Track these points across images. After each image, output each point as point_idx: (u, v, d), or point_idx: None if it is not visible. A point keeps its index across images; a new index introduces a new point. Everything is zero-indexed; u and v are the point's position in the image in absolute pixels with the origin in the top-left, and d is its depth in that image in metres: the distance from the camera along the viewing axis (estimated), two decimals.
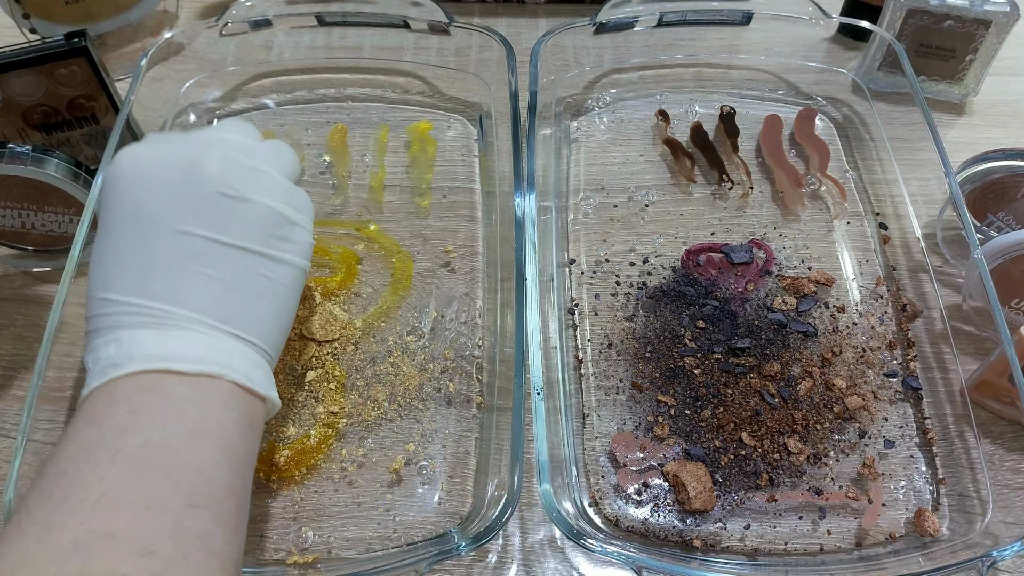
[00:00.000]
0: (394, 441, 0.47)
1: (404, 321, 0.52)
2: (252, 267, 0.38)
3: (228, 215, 0.37)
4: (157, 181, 0.37)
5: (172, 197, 0.37)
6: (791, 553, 0.44)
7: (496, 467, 0.44)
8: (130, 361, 0.34)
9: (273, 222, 0.39)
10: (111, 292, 0.36)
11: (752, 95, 0.66)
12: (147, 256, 0.36)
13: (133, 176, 0.38)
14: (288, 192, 0.40)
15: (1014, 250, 0.49)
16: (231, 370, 0.36)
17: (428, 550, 0.41)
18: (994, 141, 0.62)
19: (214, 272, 0.37)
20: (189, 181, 0.37)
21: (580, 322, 0.52)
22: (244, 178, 0.38)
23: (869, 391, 0.49)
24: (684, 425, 0.47)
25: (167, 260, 0.36)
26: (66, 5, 0.64)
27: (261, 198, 0.38)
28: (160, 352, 0.35)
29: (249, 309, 0.38)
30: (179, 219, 0.37)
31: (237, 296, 0.37)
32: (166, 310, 0.36)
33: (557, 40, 0.62)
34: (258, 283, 0.38)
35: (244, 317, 0.37)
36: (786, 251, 0.56)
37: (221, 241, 0.37)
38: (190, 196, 0.37)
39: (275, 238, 0.39)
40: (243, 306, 0.37)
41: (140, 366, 0.34)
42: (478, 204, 0.58)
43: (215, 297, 0.37)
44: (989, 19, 0.60)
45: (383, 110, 0.65)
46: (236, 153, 0.39)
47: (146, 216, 0.37)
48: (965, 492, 0.46)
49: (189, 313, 0.36)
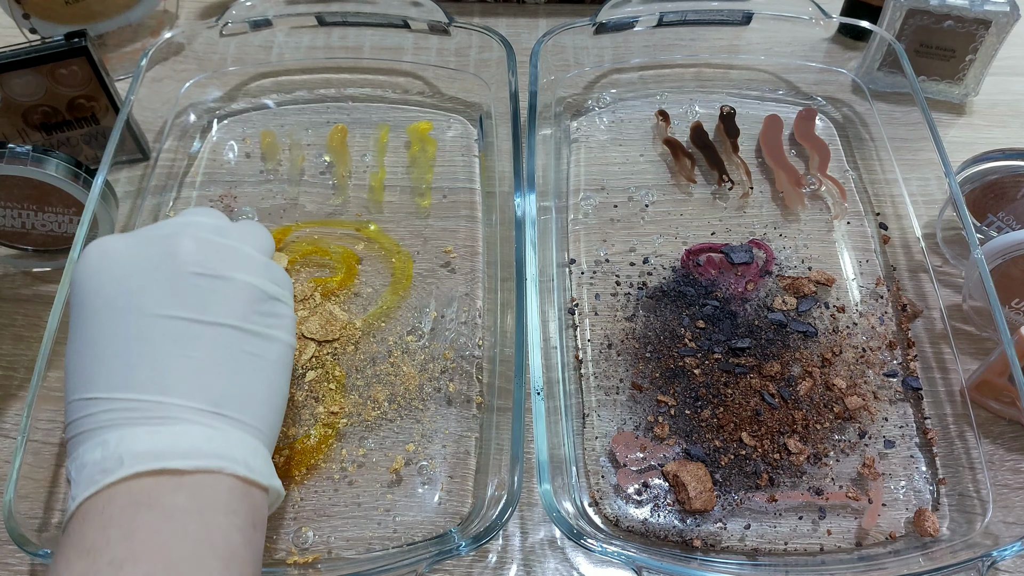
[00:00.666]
0: (394, 441, 0.47)
1: (404, 321, 0.52)
2: (238, 345, 0.36)
3: (207, 295, 0.36)
4: (129, 268, 0.36)
5: (146, 282, 0.36)
6: (791, 553, 0.44)
7: (496, 467, 0.44)
8: (120, 465, 0.31)
9: (254, 298, 0.38)
10: (92, 391, 0.34)
11: (752, 95, 0.66)
12: (127, 346, 0.34)
13: (103, 267, 0.36)
14: (266, 267, 0.39)
15: (1014, 250, 0.49)
16: (231, 461, 0.33)
17: (428, 550, 0.41)
18: (994, 141, 0.62)
19: (199, 354, 0.35)
20: (163, 264, 0.36)
21: (580, 322, 0.52)
22: (220, 256, 0.37)
23: (869, 391, 0.49)
24: (684, 425, 0.47)
25: (149, 348, 0.34)
26: (66, 5, 0.64)
27: (239, 275, 0.37)
28: (152, 449, 0.32)
29: (240, 390, 0.36)
30: (156, 303, 0.35)
31: (226, 377, 0.35)
32: (154, 401, 0.33)
33: (557, 40, 0.62)
34: (246, 362, 0.36)
35: (236, 399, 0.35)
36: (786, 251, 0.56)
37: (203, 321, 0.36)
38: (165, 279, 0.36)
39: (258, 314, 0.38)
40: (234, 387, 0.36)
41: (132, 469, 0.31)
42: (478, 204, 0.58)
43: (204, 381, 0.35)
44: (989, 19, 0.60)
45: (383, 110, 0.65)
46: (208, 233, 0.38)
47: (121, 305, 0.35)
48: (965, 492, 0.46)
49: (179, 401, 0.34)
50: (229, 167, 0.61)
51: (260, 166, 0.61)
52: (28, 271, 0.55)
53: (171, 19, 0.72)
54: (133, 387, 0.34)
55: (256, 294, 0.38)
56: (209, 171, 0.60)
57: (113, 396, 0.33)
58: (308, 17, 0.63)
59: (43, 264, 0.55)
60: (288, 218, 0.57)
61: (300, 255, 0.55)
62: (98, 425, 0.33)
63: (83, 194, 0.51)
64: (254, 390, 0.36)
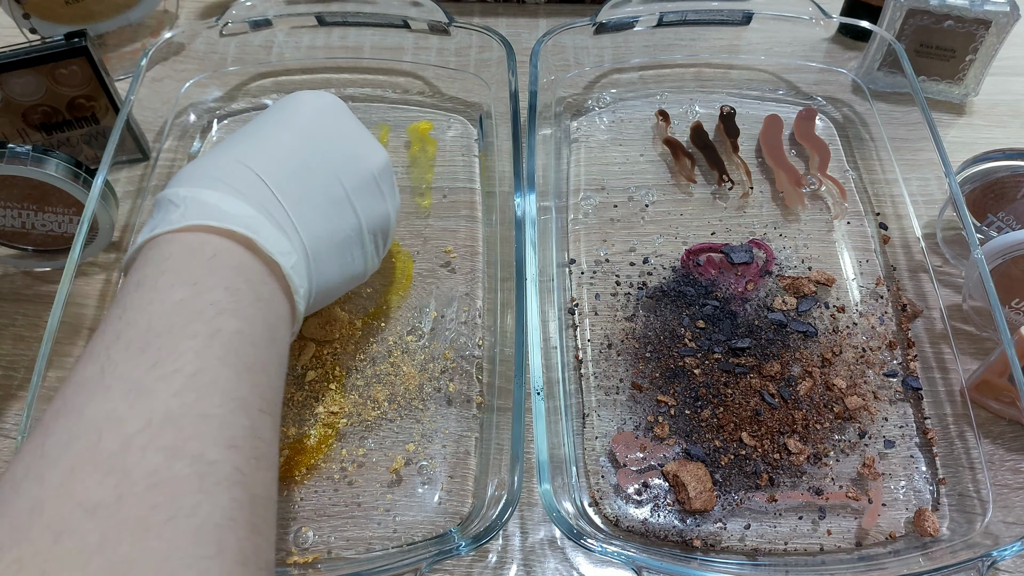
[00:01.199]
0: (394, 441, 0.47)
1: (404, 321, 0.52)
2: (352, 241, 0.42)
3: (368, 195, 0.43)
4: (340, 130, 0.43)
5: (343, 149, 0.42)
6: (791, 553, 0.44)
7: (496, 467, 0.44)
8: (238, 227, 0.34)
9: (383, 227, 0.45)
10: (250, 163, 0.38)
11: (752, 95, 0.66)
12: (298, 166, 0.39)
13: (324, 114, 0.43)
14: (395, 220, 0.46)
15: (1014, 250, 0.49)
16: (299, 297, 0.37)
17: (428, 550, 0.41)
18: (994, 141, 0.62)
19: (333, 219, 0.40)
20: (361, 151, 0.43)
21: (580, 322, 0.52)
22: (388, 185, 0.45)
23: (869, 391, 0.49)
24: (684, 425, 0.47)
25: (310, 180, 0.39)
26: (66, 5, 0.64)
27: (390, 206, 0.45)
28: (270, 242, 0.35)
29: (329, 266, 0.41)
30: (337, 165, 0.41)
31: (331, 250, 0.40)
32: (283, 211, 0.37)
33: (557, 40, 0.62)
34: (346, 255, 0.42)
35: (322, 267, 0.40)
36: (786, 251, 0.56)
37: (353, 205, 0.41)
38: (356, 160, 0.42)
39: (377, 236, 0.44)
40: (328, 261, 0.40)
41: (253, 235, 0.35)
42: (478, 204, 0.58)
43: (320, 235, 0.39)
44: (989, 19, 0.60)
45: (383, 110, 0.65)
46: (389, 167, 0.45)
47: (316, 144, 0.41)
48: (965, 492, 0.46)
49: (298, 227, 0.38)
50: None
51: None
52: (28, 271, 0.55)
53: (171, 19, 0.71)
54: (281, 190, 0.38)
55: (386, 227, 0.45)
56: None
57: (264, 180, 0.37)
58: (308, 17, 0.63)
59: (43, 264, 0.55)
60: None
61: None
62: (236, 187, 0.36)
63: (83, 194, 0.51)
64: (333, 277, 0.41)
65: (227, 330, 0.31)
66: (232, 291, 0.33)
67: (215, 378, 0.29)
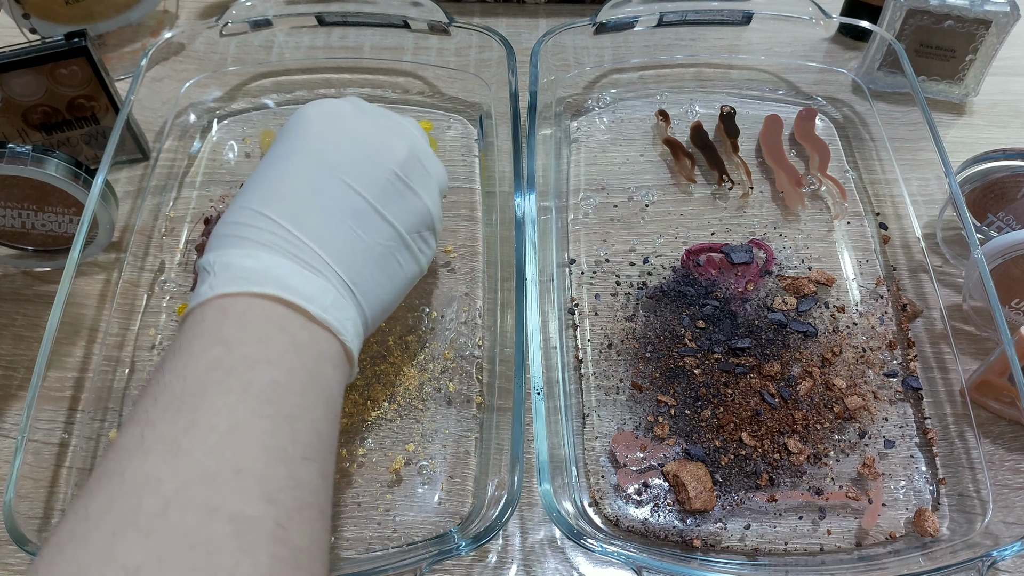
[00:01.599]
0: (394, 441, 0.47)
1: (404, 321, 0.52)
2: (392, 249, 0.40)
3: (395, 195, 0.40)
4: (348, 137, 0.40)
5: (355, 157, 0.40)
6: (791, 553, 0.44)
7: (496, 467, 0.44)
8: (266, 283, 0.34)
9: (424, 221, 0.42)
10: (267, 210, 0.37)
11: (752, 95, 0.66)
12: (313, 194, 0.38)
13: (329, 124, 0.40)
14: (439, 204, 0.44)
15: (1014, 250, 0.49)
16: (345, 332, 0.36)
17: (428, 550, 0.41)
18: (994, 141, 0.62)
19: (363, 235, 0.38)
20: (376, 151, 0.40)
21: (580, 322, 0.52)
22: (419, 174, 0.42)
23: (869, 391, 0.49)
24: (684, 425, 0.47)
25: (329, 205, 0.38)
26: (66, 5, 0.64)
27: (424, 196, 0.42)
28: (296, 287, 0.34)
29: (375, 283, 0.39)
30: (354, 177, 0.39)
31: (371, 267, 0.39)
32: (312, 249, 0.36)
33: (557, 40, 0.62)
34: (390, 265, 0.40)
35: (368, 288, 0.39)
36: (786, 251, 0.56)
37: (380, 212, 0.39)
38: (371, 163, 0.40)
39: (419, 235, 0.42)
40: (372, 279, 0.39)
41: (275, 292, 0.34)
42: (478, 204, 0.58)
43: (354, 258, 0.38)
44: (989, 19, 0.60)
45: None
46: (419, 150, 0.42)
47: (326, 162, 0.39)
48: (965, 492, 0.46)
49: (328, 260, 0.37)
50: (229, 167, 0.61)
51: None
52: (28, 271, 0.55)
53: (171, 19, 0.71)
54: (299, 227, 0.36)
55: (427, 219, 0.42)
56: (209, 171, 0.60)
57: (281, 223, 0.36)
58: (308, 17, 0.63)
59: (43, 264, 0.55)
60: None
61: None
62: (257, 240, 0.36)
63: (83, 194, 0.51)
64: (383, 290, 0.40)
65: (261, 382, 0.31)
66: (265, 342, 0.32)
67: (250, 431, 0.29)
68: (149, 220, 0.57)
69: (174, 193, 0.59)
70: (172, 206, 0.58)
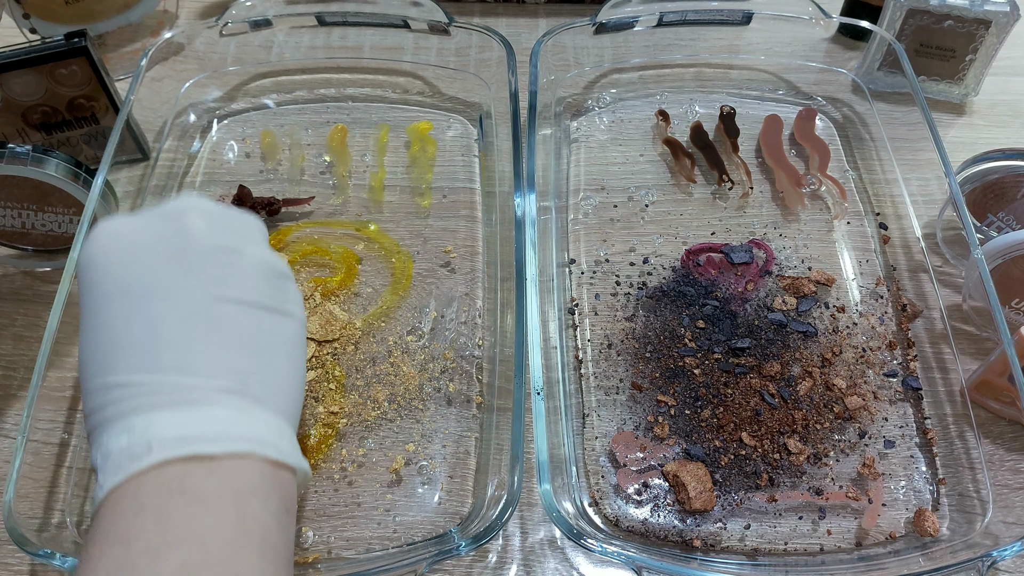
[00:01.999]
0: (394, 441, 0.47)
1: (404, 321, 0.52)
2: (259, 323, 0.35)
3: (226, 268, 0.35)
4: (142, 247, 0.35)
5: (162, 260, 0.34)
6: (791, 553, 0.44)
7: (496, 467, 0.44)
8: (149, 451, 0.30)
9: (268, 273, 0.37)
10: (112, 375, 0.32)
11: (752, 95, 0.66)
12: (147, 327, 0.33)
13: (113, 247, 0.35)
14: (268, 249, 0.38)
15: (1014, 250, 0.49)
16: (260, 444, 0.32)
17: (428, 550, 0.41)
18: (994, 141, 0.62)
19: (221, 332, 0.34)
20: (177, 240, 0.35)
21: (580, 322, 0.52)
22: (231, 230, 0.36)
23: (869, 391, 0.49)
24: (684, 425, 0.47)
25: (170, 327, 0.33)
26: (66, 5, 0.64)
27: (252, 249, 0.36)
28: (181, 434, 0.31)
29: (264, 368, 0.35)
30: (175, 281, 0.34)
31: (250, 355, 0.34)
32: (179, 382, 0.32)
33: (557, 40, 0.62)
34: (268, 340, 0.35)
35: (261, 377, 0.34)
36: (786, 251, 0.56)
37: (222, 297, 0.34)
38: (182, 255, 0.35)
39: (274, 289, 0.36)
40: (258, 365, 0.34)
41: (161, 455, 0.30)
42: (478, 204, 0.58)
43: (228, 359, 0.33)
44: (989, 19, 0.60)
45: (383, 110, 0.65)
46: (213, 211, 0.37)
47: (138, 286, 0.34)
48: (965, 492, 0.46)
49: (205, 380, 0.32)
50: (229, 167, 0.61)
51: (260, 166, 0.61)
52: (28, 271, 0.55)
53: (171, 19, 0.72)
54: (156, 368, 0.32)
55: (269, 269, 0.37)
56: (209, 171, 0.60)
57: (135, 379, 0.32)
58: (308, 17, 0.63)
59: (43, 264, 0.55)
60: (288, 218, 0.57)
61: (300, 255, 0.55)
62: (122, 410, 0.32)
63: (83, 194, 0.51)
64: (277, 368, 0.35)
65: (167, 572, 0.28)
66: (163, 523, 0.29)
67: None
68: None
69: (174, 193, 0.59)
70: None
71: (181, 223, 0.35)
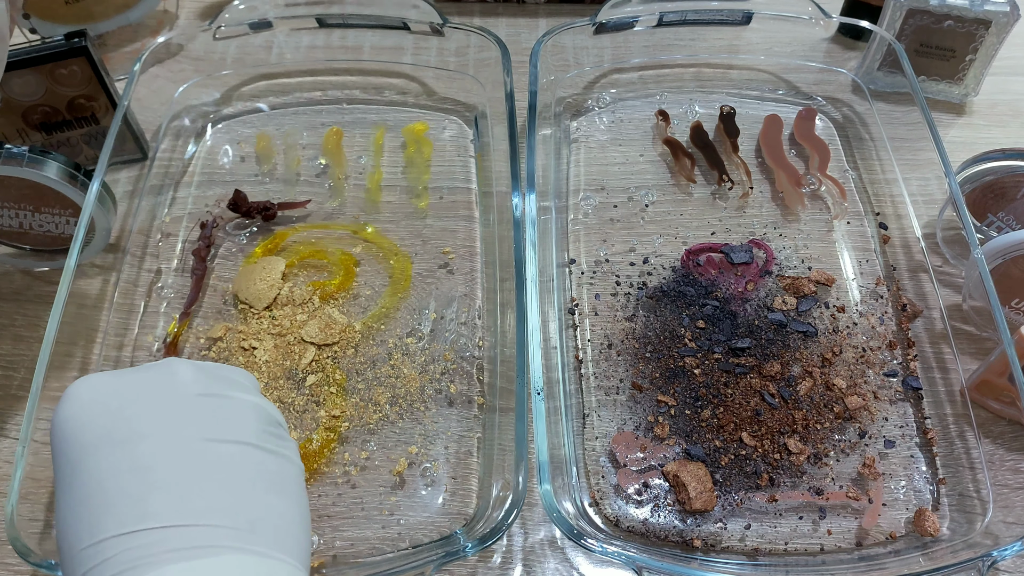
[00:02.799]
0: (396, 443, 0.47)
1: (404, 323, 0.52)
2: (260, 463, 0.33)
3: (217, 412, 0.33)
4: (125, 397, 0.32)
5: (148, 408, 0.32)
6: (791, 553, 0.44)
7: (500, 468, 0.44)
8: None
9: (262, 418, 0.35)
10: (101, 533, 0.29)
11: (752, 95, 0.66)
12: (135, 475, 0.30)
13: (94, 399, 0.32)
14: (261, 395, 0.37)
15: (1014, 250, 0.49)
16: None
17: (435, 552, 0.41)
18: (994, 141, 0.62)
19: (221, 472, 0.31)
20: (163, 389, 0.33)
21: (580, 322, 0.52)
22: (219, 379, 0.35)
23: (869, 391, 0.49)
24: (684, 425, 0.47)
25: (161, 470, 0.30)
26: (66, 5, 0.64)
27: (243, 395, 0.35)
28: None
29: (273, 508, 0.32)
30: (164, 427, 0.31)
31: (255, 494, 0.31)
32: (182, 527, 0.29)
33: (557, 40, 0.61)
34: (272, 480, 0.33)
35: (270, 520, 0.31)
36: (786, 251, 0.56)
37: (219, 439, 0.32)
38: (169, 403, 0.33)
39: (269, 434, 0.34)
40: (266, 505, 0.31)
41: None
42: (476, 204, 0.58)
43: (231, 499, 0.30)
44: (989, 19, 0.60)
45: (379, 112, 0.64)
46: (201, 364, 0.36)
47: (121, 433, 0.31)
48: (965, 492, 0.46)
49: (208, 526, 0.29)
50: (225, 169, 0.61)
51: (256, 168, 0.61)
52: (28, 271, 0.55)
53: (171, 19, 0.71)
54: (151, 518, 0.29)
55: (262, 414, 0.35)
56: (205, 173, 0.60)
57: (128, 534, 0.29)
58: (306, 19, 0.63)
59: (41, 264, 0.55)
60: (285, 221, 0.57)
61: (298, 258, 0.55)
62: (121, 570, 0.28)
63: (80, 196, 0.51)
64: (285, 510, 0.32)
65: None
66: None
67: None
68: (147, 221, 0.57)
69: (170, 194, 0.59)
70: (168, 209, 0.58)
71: (166, 373, 0.34)
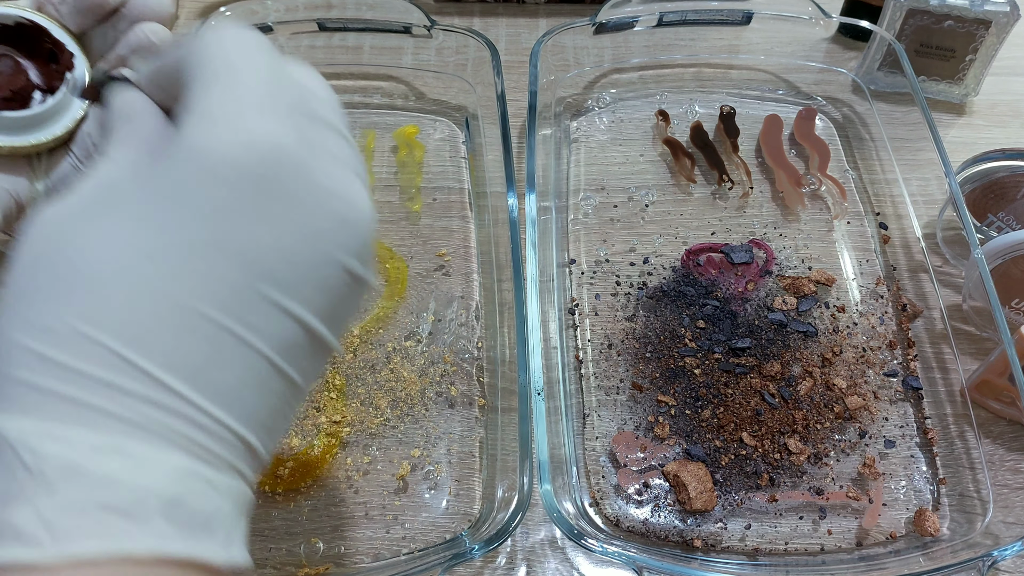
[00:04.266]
0: (399, 447, 0.47)
1: (402, 326, 0.52)
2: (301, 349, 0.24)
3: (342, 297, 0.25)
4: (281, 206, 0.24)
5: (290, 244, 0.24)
6: (792, 553, 0.44)
7: (503, 469, 0.44)
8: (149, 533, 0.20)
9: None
10: (132, 350, 0.21)
11: (752, 95, 0.66)
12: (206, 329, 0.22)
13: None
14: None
15: (1014, 250, 0.49)
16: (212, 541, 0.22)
17: (442, 554, 0.41)
18: (994, 141, 0.62)
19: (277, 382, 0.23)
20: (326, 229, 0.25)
21: (580, 322, 0.52)
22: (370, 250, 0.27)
23: (869, 391, 0.49)
24: (684, 425, 0.47)
25: (221, 320, 0.22)
26: None
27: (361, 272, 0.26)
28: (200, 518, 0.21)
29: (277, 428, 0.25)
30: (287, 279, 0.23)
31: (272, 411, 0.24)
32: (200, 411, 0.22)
33: (557, 40, 0.61)
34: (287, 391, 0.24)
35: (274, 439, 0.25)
36: (786, 251, 0.56)
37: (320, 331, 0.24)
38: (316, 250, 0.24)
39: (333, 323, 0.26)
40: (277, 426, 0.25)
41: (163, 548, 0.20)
42: (470, 206, 0.58)
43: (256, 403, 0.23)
44: (989, 19, 0.59)
45: (368, 115, 0.64)
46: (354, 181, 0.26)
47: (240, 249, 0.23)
48: (965, 492, 0.46)
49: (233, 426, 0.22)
50: None
51: None
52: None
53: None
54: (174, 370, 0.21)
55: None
56: None
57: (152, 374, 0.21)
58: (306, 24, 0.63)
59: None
60: None
61: None
62: (114, 415, 0.21)
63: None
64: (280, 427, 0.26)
65: None
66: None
67: None
68: None
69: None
70: None
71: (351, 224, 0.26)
